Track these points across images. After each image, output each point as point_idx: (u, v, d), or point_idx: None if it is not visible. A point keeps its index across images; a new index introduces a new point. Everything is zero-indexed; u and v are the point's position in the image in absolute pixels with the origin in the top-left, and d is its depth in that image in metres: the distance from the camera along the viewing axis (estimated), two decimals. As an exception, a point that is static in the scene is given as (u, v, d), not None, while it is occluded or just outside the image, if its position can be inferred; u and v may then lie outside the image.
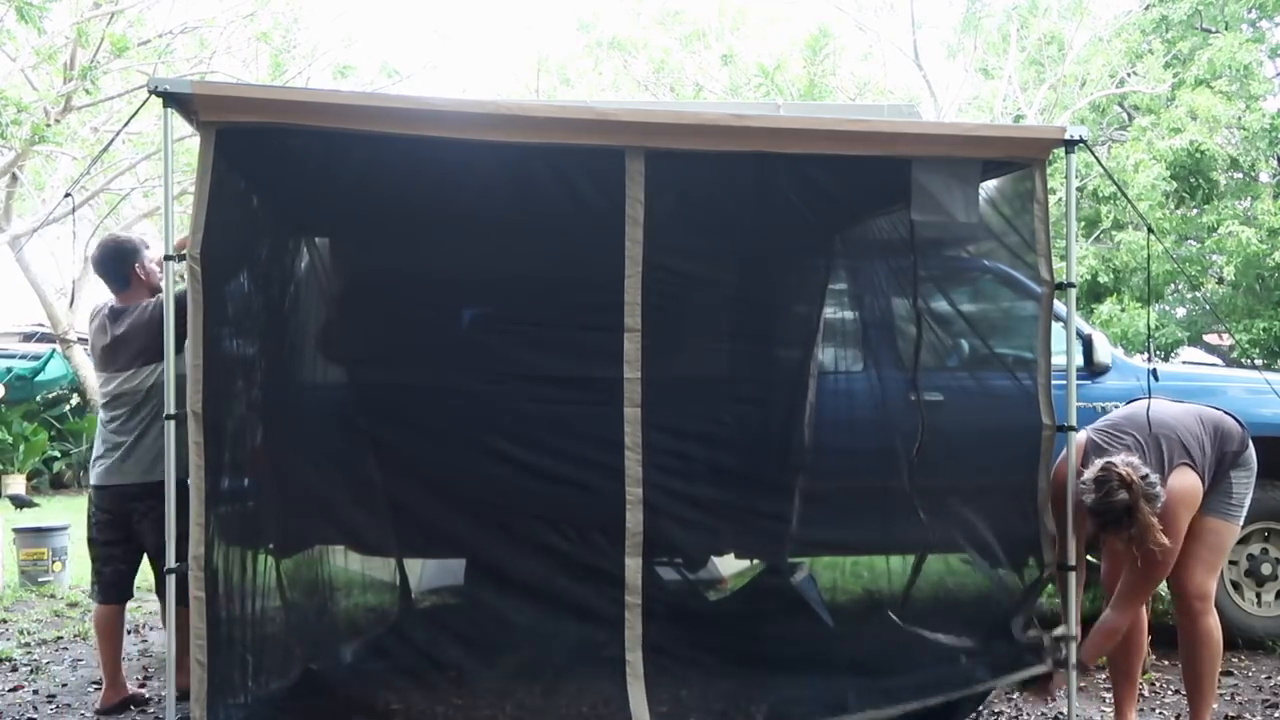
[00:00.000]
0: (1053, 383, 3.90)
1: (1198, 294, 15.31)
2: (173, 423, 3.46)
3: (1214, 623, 3.80)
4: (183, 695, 3.46)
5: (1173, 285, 15.96)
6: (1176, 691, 4.43)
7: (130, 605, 6.69)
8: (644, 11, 20.70)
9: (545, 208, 3.96)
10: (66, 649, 5.54)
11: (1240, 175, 15.70)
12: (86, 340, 13.93)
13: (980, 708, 4.12)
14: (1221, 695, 4.41)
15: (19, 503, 9.07)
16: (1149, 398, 3.85)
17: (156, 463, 4.06)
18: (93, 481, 4.45)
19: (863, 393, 4.78)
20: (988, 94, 18.04)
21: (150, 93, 3.37)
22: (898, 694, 3.90)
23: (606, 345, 3.77)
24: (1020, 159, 3.91)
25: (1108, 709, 4.12)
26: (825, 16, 19.27)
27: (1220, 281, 14.98)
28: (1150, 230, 4.49)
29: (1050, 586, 4.01)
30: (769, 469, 4.63)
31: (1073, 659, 3.84)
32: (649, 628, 3.78)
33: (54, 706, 4.52)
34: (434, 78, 30.33)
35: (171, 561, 3.48)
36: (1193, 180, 14.81)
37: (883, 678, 4.03)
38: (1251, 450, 3.84)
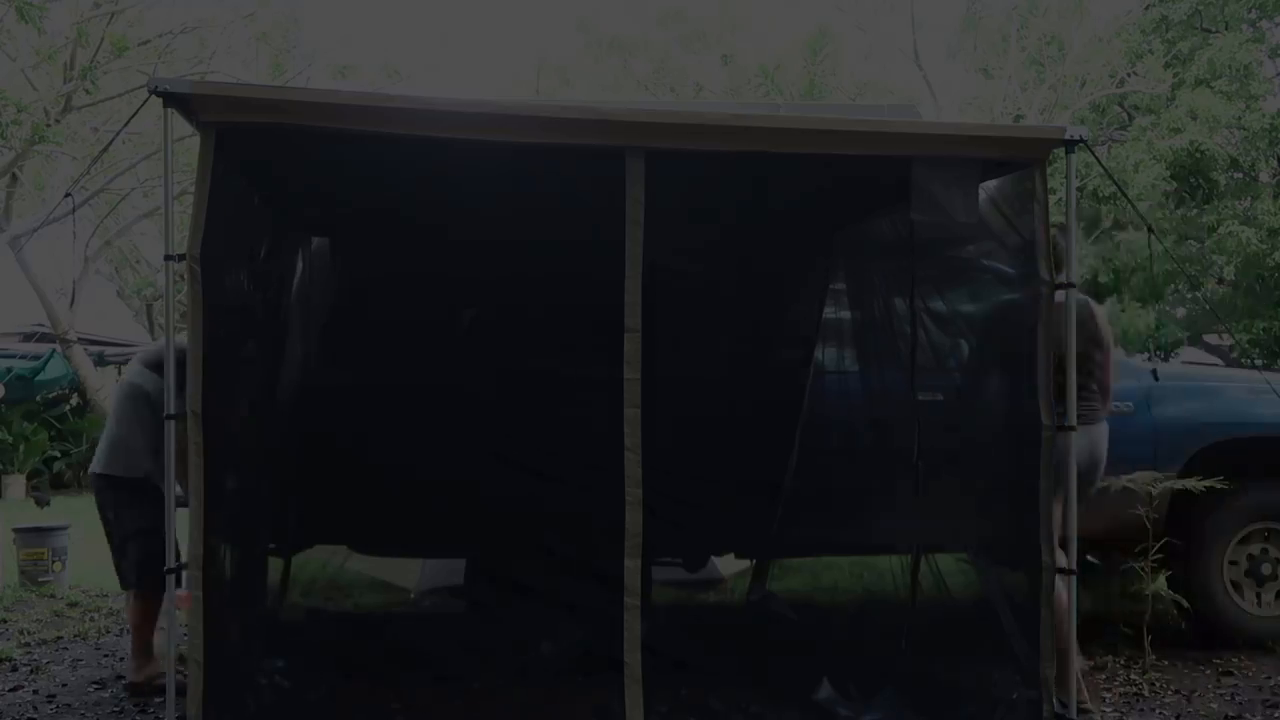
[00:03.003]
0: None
1: (1198, 294, 15.30)
2: (172, 423, 3.47)
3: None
4: (181, 693, 3.46)
5: (1173, 285, 15.94)
6: (1176, 692, 4.43)
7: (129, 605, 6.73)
8: (644, 12, 20.71)
9: (545, 208, 3.96)
10: (66, 649, 5.53)
11: (1240, 175, 15.70)
12: (87, 340, 13.98)
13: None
14: (1221, 695, 4.41)
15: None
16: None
17: None
18: None
19: (862, 393, 4.78)
20: (988, 94, 18.02)
21: (150, 93, 3.37)
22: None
23: (606, 345, 3.77)
24: (1020, 159, 3.91)
25: (1108, 709, 4.12)
26: (825, 16, 19.21)
27: (1220, 281, 14.98)
28: (1150, 230, 4.49)
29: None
30: (768, 469, 4.64)
31: (1074, 664, 3.84)
32: (648, 629, 3.79)
33: (54, 706, 4.51)
34: (435, 78, 30.28)
35: (171, 561, 3.48)
36: (1193, 180, 14.82)
37: (879, 690, 4.04)
38: None
